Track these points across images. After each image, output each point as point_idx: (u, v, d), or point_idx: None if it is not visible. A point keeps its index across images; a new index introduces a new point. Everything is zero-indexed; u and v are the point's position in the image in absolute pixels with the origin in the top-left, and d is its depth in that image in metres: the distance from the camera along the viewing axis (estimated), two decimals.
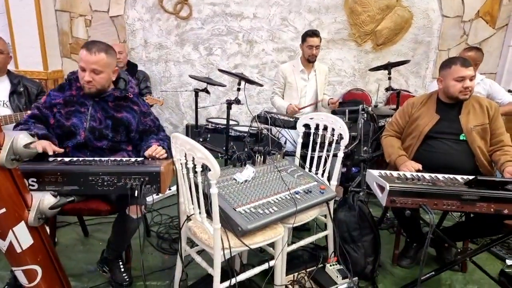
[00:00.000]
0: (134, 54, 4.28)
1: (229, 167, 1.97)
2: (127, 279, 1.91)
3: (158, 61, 4.33)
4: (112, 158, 1.63)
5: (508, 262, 2.39)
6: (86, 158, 1.66)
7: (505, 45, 4.15)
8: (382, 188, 1.64)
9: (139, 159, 1.68)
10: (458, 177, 1.79)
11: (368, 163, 2.92)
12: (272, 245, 1.73)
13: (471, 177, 1.67)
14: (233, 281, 1.56)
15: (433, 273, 1.88)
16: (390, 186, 1.58)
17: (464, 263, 2.27)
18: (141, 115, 1.94)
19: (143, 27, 4.22)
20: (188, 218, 1.64)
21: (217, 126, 2.85)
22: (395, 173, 1.81)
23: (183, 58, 4.32)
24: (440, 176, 1.80)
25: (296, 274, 2.02)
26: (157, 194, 1.74)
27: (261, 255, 2.26)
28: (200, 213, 1.54)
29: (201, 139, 2.86)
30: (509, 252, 2.51)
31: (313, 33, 3.11)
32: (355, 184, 2.96)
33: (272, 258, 1.75)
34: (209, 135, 2.91)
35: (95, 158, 1.67)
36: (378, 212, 2.90)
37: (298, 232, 2.55)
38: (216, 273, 1.51)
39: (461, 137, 2.10)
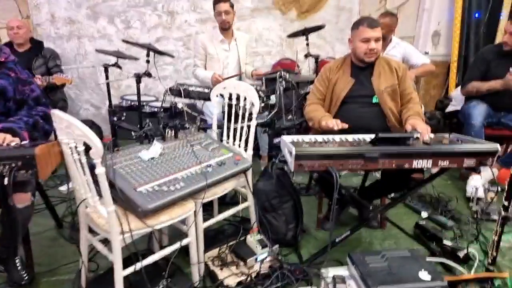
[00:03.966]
0: (41, 31, 3.84)
1: (135, 144, 1.82)
2: (26, 277, 1.73)
3: (69, 37, 3.93)
4: None
5: (423, 214, 2.52)
6: None
7: (421, 8, 4.31)
8: (291, 154, 1.60)
9: (14, 142, 1.47)
10: (367, 136, 1.79)
11: (293, 131, 2.89)
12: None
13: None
14: (139, 265, 1.46)
15: (348, 232, 1.91)
16: (296, 151, 1.53)
17: (384, 221, 2.36)
18: (19, 82, 1.76)
19: (48, 0, 3.78)
20: (82, 203, 1.49)
21: (132, 103, 2.66)
22: (306, 138, 1.78)
23: (98, 33, 3.96)
24: (349, 137, 1.79)
25: (218, 249, 1.97)
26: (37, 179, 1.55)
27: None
28: (92, 196, 1.40)
29: (115, 119, 2.66)
30: (425, 206, 2.65)
31: None
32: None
33: None
34: (124, 114, 2.72)
35: None
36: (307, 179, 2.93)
37: (226, 206, 2.49)
38: (117, 259, 1.40)
39: (374, 100, 2.12)
